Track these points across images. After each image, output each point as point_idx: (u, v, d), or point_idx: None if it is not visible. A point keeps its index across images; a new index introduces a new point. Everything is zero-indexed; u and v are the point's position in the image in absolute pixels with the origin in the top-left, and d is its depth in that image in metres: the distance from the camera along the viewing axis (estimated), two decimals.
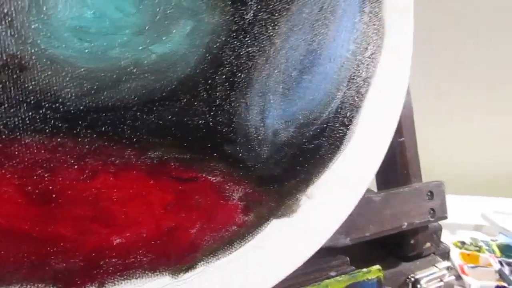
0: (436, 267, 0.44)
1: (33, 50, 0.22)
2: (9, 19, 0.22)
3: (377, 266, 0.33)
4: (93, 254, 0.23)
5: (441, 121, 0.73)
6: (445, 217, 0.42)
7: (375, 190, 0.44)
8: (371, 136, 0.34)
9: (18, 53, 0.22)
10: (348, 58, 0.33)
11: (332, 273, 0.34)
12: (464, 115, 0.77)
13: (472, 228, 0.73)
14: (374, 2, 0.35)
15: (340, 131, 0.32)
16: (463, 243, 0.62)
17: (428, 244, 0.43)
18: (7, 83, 0.22)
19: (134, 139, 0.25)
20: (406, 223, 0.39)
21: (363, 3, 0.34)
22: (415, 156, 0.43)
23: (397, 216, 0.39)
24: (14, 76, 0.22)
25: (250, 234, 0.28)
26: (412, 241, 0.42)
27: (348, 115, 0.33)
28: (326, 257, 0.35)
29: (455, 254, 0.57)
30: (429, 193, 0.41)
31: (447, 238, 0.63)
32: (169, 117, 0.26)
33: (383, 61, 0.35)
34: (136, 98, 0.25)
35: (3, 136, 0.22)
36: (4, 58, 0.22)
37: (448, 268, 0.44)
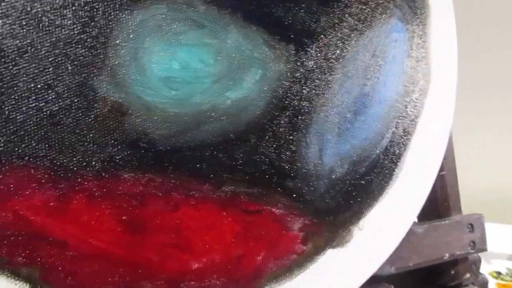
0: None
1: (131, 98, 0.26)
2: (113, 71, 0.26)
3: None
4: (175, 277, 0.26)
5: (478, 149, 0.74)
6: (485, 249, 0.44)
7: (416, 221, 0.45)
8: (418, 172, 0.36)
9: (120, 100, 0.26)
10: (397, 100, 0.36)
11: None
12: (501, 144, 0.78)
13: (507, 258, 0.73)
14: (420, 47, 0.37)
15: (389, 168, 0.35)
16: (499, 273, 0.63)
17: (467, 275, 0.44)
18: (112, 126, 0.25)
19: (211, 175, 0.28)
20: (447, 255, 0.41)
21: (411, 48, 0.37)
22: (455, 189, 0.45)
23: (439, 247, 0.41)
24: (117, 120, 0.25)
25: (308, 262, 0.31)
26: (452, 272, 0.43)
27: (396, 152, 0.35)
28: (372, 285, 0.37)
29: (491, 285, 0.57)
30: (469, 226, 0.43)
31: (482, 267, 0.64)
32: (240, 155, 0.29)
33: (428, 102, 0.37)
34: (213, 139, 0.28)
35: (107, 173, 0.25)
36: (109, 105, 0.25)
37: None
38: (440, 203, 0.44)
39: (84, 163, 0.25)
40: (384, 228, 0.34)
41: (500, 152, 0.82)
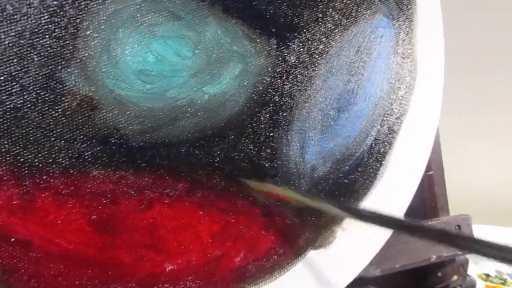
0: None
1: (102, 91, 0.25)
2: (83, 63, 0.24)
3: None
4: (148, 279, 0.25)
5: (464, 153, 0.74)
6: None
7: None
8: (403, 171, 0.35)
9: (90, 93, 0.24)
10: (382, 97, 0.35)
11: None
12: (486, 147, 0.77)
13: None
14: (406, 44, 0.37)
15: (374, 167, 0.34)
16: (487, 275, 0.62)
17: (455, 277, 0.44)
18: (81, 121, 0.24)
19: (187, 173, 0.27)
20: (434, 256, 0.40)
21: (397, 45, 0.36)
22: (443, 189, 0.44)
23: (426, 249, 0.40)
24: (87, 114, 0.24)
25: (289, 264, 0.30)
26: (439, 274, 0.43)
27: (381, 151, 0.34)
28: (359, 287, 0.36)
29: (480, 287, 0.57)
30: (457, 227, 0.42)
31: (471, 269, 0.63)
32: (218, 152, 0.28)
33: (414, 100, 0.36)
34: (190, 135, 0.27)
35: (75, 170, 0.24)
36: (79, 99, 0.24)
37: None
38: (427, 204, 0.43)
39: (50, 160, 0.23)
40: (368, 228, 0.33)
41: (488, 153, 0.81)
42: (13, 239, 0.22)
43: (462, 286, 0.46)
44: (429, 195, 0.43)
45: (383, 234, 0.34)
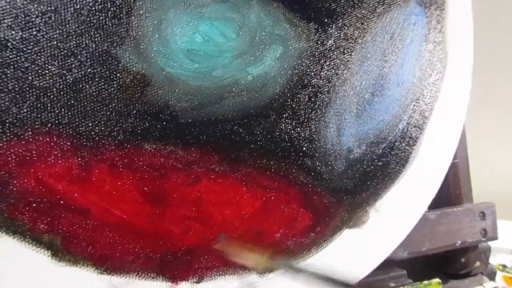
0: (483, 286, 0.45)
1: (154, 69, 0.26)
2: (136, 41, 0.25)
3: (437, 280, 0.35)
4: (195, 250, 0.26)
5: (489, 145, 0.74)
6: (496, 238, 0.44)
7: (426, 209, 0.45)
8: (433, 156, 0.36)
9: (143, 70, 0.25)
10: (414, 83, 0.35)
11: (392, 284, 0.36)
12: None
13: (510, 252, 0.74)
14: (438, 32, 0.37)
15: (406, 151, 0.35)
16: (504, 266, 0.63)
17: (477, 263, 0.44)
18: (134, 96, 0.25)
19: (231, 150, 0.28)
20: (459, 241, 0.41)
21: (428, 32, 0.37)
22: (467, 177, 0.44)
23: (451, 234, 0.41)
24: (139, 90, 0.25)
25: (325, 241, 0.31)
26: (462, 260, 0.43)
27: (413, 135, 0.35)
28: (385, 269, 0.37)
29: (498, 277, 0.57)
30: (481, 214, 0.43)
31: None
32: (260, 131, 0.29)
33: (445, 87, 0.37)
34: (234, 114, 0.28)
35: (129, 143, 0.25)
36: (132, 75, 0.25)
37: None
38: (451, 191, 0.44)
39: (106, 133, 0.24)
40: (399, 210, 0.34)
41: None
42: (72, 207, 0.23)
43: (483, 273, 0.47)
44: (454, 182, 0.44)
45: (413, 217, 0.35)
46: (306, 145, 0.30)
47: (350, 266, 0.31)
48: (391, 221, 0.33)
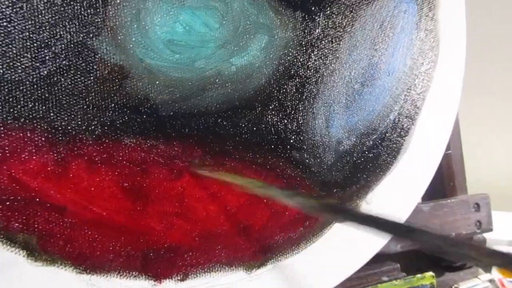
0: (479, 279, 0.45)
1: (133, 60, 0.25)
2: (114, 32, 0.24)
3: (431, 273, 0.34)
4: (178, 247, 0.25)
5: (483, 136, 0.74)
6: (491, 229, 0.43)
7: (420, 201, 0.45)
8: (426, 147, 0.35)
9: (121, 62, 0.24)
10: (405, 72, 0.35)
11: (385, 278, 0.35)
12: (506, 130, 0.77)
13: (506, 244, 0.73)
14: (429, 20, 0.36)
15: (397, 142, 0.34)
16: None
17: None
18: (112, 89, 0.24)
19: (215, 144, 0.27)
20: (453, 234, 0.40)
21: (419, 20, 0.36)
22: (461, 168, 0.44)
23: (445, 226, 0.40)
24: (118, 83, 0.24)
25: (315, 236, 0.30)
26: None
27: (404, 126, 0.34)
28: (378, 263, 0.37)
29: (493, 269, 0.57)
30: (475, 205, 0.42)
31: None
32: (245, 124, 0.28)
33: (437, 76, 0.36)
34: (218, 106, 0.27)
35: (107, 138, 0.24)
36: (110, 66, 0.24)
37: (490, 281, 0.45)
38: (445, 182, 0.43)
39: (84, 127, 0.23)
40: (391, 203, 0.33)
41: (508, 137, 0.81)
42: (48, 205, 0.22)
43: (478, 265, 0.46)
44: (448, 174, 0.43)
45: (405, 210, 0.34)
46: (293, 137, 0.29)
47: (340, 261, 0.30)
48: (383, 214, 0.33)
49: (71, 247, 0.23)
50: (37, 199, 0.22)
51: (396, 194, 0.34)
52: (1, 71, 0.22)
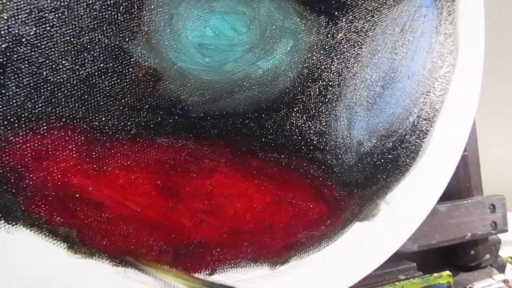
0: (493, 279, 0.45)
1: (166, 63, 0.26)
2: (148, 36, 0.25)
3: (447, 272, 0.35)
4: (207, 243, 0.27)
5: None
6: (506, 230, 0.44)
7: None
8: (444, 149, 0.36)
9: (155, 65, 0.26)
10: (425, 75, 0.35)
11: (401, 277, 0.36)
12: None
13: None
14: (448, 24, 0.37)
15: (416, 144, 0.35)
16: None
17: (487, 256, 0.44)
18: (146, 91, 0.25)
19: (242, 143, 0.28)
20: (469, 234, 0.41)
21: (439, 24, 0.36)
22: (477, 170, 0.44)
23: (461, 227, 0.41)
24: (151, 85, 0.25)
25: (336, 235, 0.31)
26: (472, 252, 0.43)
27: (423, 129, 0.35)
28: (394, 262, 0.37)
29: (507, 269, 0.57)
30: (491, 206, 0.43)
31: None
32: (271, 125, 0.29)
33: (455, 80, 0.37)
34: (245, 108, 0.28)
35: (141, 138, 0.25)
36: (144, 69, 0.25)
37: (504, 281, 0.46)
38: (461, 184, 0.44)
39: (120, 127, 0.25)
40: (410, 203, 0.34)
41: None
42: (87, 200, 0.24)
43: (493, 265, 0.47)
44: (464, 174, 0.44)
45: (423, 210, 0.35)
46: (316, 138, 0.30)
47: (360, 259, 0.31)
48: (402, 214, 0.33)
49: (108, 240, 0.24)
50: (77, 195, 0.23)
51: (415, 194, 0.34)
52: (45, 73, 0.23)
